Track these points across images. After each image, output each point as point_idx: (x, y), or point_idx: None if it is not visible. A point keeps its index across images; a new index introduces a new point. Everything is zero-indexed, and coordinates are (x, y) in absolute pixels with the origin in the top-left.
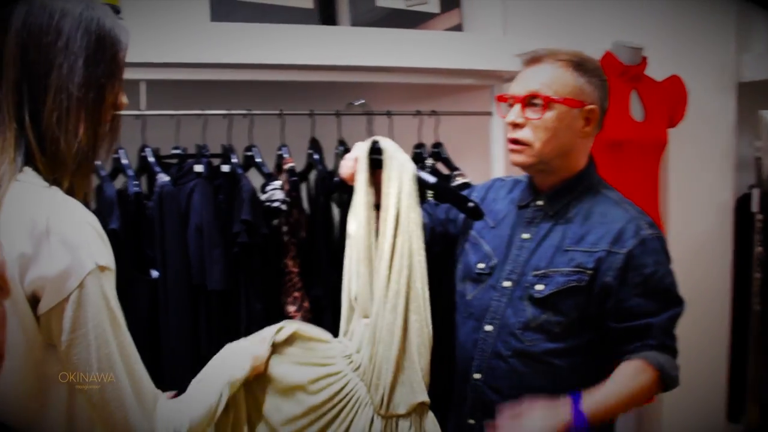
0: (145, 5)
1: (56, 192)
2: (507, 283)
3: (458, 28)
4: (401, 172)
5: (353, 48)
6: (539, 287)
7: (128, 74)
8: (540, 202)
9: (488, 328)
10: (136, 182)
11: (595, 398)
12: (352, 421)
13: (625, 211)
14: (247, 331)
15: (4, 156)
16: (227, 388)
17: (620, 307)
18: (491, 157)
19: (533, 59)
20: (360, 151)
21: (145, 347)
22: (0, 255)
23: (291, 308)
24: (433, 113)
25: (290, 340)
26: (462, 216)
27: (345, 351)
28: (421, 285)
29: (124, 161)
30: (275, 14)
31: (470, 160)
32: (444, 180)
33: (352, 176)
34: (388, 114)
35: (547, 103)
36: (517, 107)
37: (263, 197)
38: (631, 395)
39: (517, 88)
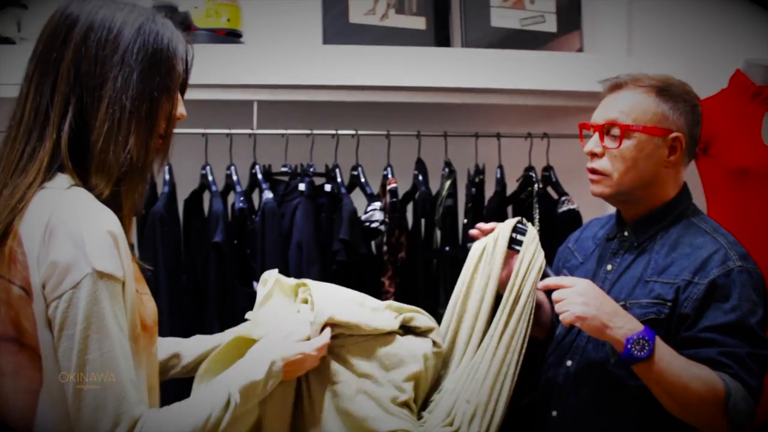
0: (262, 30)
1: (75, 194)
2: None
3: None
4: (535, 260)
5: (468, 69)
6: None
7: (241, 95)
8: (625, 233)
9: (569, 363)
10: (243, 198)
11: (667, 349)
12: None
13: (716, 241)
14: None
15: (36, 164)
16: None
17: (693, 339)
18: None
19: (615, 86)
20: (504, 227)
21: None
22: (24, 261)
23: None
24: (545, 136)
25: None
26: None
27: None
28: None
29: (234, 177)
30: (388, 36)
31: (581, 185)
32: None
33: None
34: (498, 136)
35: (624, 131)
36: (596, 136)
37: (363, 217)
38: (691, 383)
39: (597, 116)
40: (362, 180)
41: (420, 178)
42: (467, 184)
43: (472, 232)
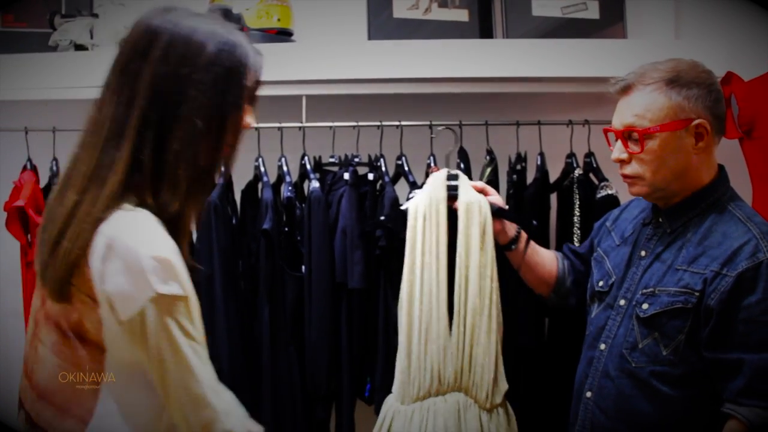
0: (310, 28)
1: (137, 216)
2: (622, 302)
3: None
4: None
5: (509, 59)
6: (645, 306)
7: (291, 90)
8: (660, 220)
9: (602, 346)
10: (291, 188)
11: None
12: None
13: (748, 230)
14: (384, 328)
15: (115, 175)
16: None
17: (715, 336)
18: None
19: (623, 89)
20: (435, 178)
21: (289, 336)
22: (88, 274)
23: None
24: (586, 122)
25: None
26: (597, 243)
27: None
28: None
29: (285, 168)
30: (432, 29)
31: None
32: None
33: None
34: (539, 123)
35: (643, 136)
36: (619, 143)
37: (405, 205)
38: None
39: (615, 121)
40: (406, 169)
41: (462, 166)
42: (508, 171)
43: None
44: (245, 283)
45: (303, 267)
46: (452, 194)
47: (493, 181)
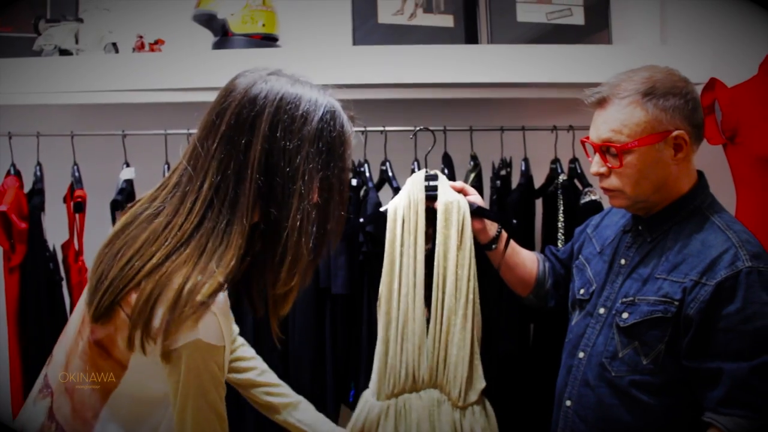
0: (294, 33)
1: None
2: (602, 310)
3: None
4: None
5: (494, 65)
6: (625, 315)
7: None
8: (640, 228)
9: (581, 355)
10: None
11: None
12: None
13: (728, 239)
14: (368, 333)
15: (233, 252)
16: None
17: (695, 345)
18: None
19: (598, 102)
20: (413, 179)
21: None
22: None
23: None
24: (570, 128)
25: None
26: (578, 249)
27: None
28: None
29: None
30: (417, 35)
31: None
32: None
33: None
34: (523, 129)
35: (621, 151)
36: (597, 157)
37: (384, 207)
38: None
39: (592, 134)
40: (390, 175)
41: (446, 171)
42: (492, 177)
43: None
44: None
45: None
46: (431, 194)
47: (476, 187)
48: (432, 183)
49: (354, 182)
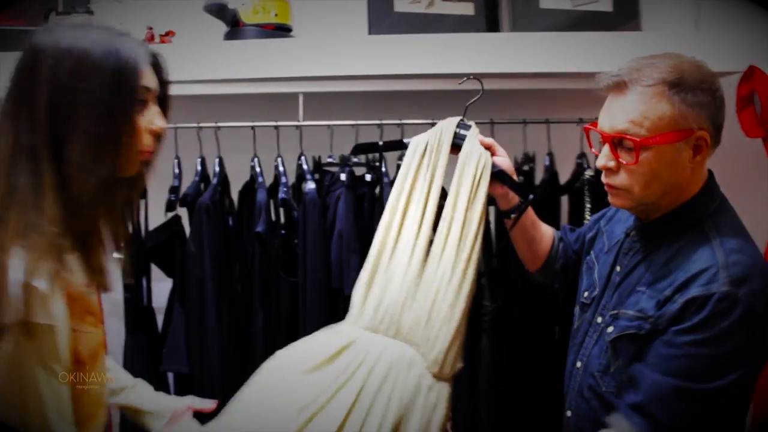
0: (309, 23)
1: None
2: (599, 319)
3: None
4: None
5: (516, 54)
6: (609, 329)
7: (288, 87)
8: (636, 235)
9: (578, 364)
10: (286, 189)
11: None
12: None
13: (713, 256)
14: None
15: (46, 208)
16: None
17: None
18: None
19: (615, 86)
20: (446, 123)
21: (282, 344)
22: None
23: None
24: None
25: None
26: (590, 242)
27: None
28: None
29: (281, 169)
30: (435, 23)
31: None
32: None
33: None
34: (547, 122)
35: (639, 146)
36: (607, 149)
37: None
38: None
39: (603, 122)
40: None
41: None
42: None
43: None
44: (241, 287)
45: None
46: (458, 143)
47: None
48: (462, 131)
49: (368, 177)
